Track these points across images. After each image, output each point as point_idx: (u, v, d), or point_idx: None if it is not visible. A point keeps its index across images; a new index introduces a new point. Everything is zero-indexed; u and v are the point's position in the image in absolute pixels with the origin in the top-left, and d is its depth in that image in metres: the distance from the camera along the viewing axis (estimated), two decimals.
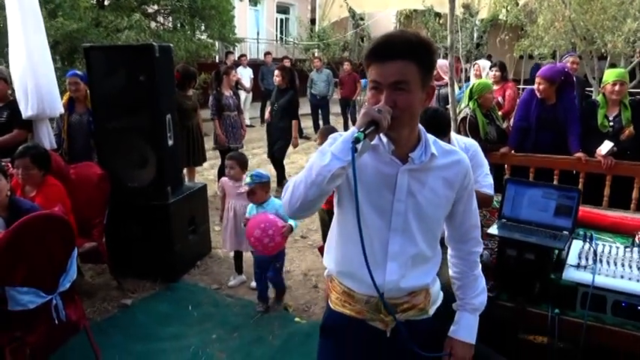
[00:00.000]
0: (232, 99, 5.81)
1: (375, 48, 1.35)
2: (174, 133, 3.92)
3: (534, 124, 4.30)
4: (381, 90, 1.33)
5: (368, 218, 1.46)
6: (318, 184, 1.30)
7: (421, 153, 1.44)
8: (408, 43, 1.32)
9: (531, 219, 2.63)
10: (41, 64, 3.91)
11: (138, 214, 3.82)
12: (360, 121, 1.28)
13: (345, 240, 1.54)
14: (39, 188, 3.20)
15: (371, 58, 1.35)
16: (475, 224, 1.64)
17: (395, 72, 1.31)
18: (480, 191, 2.79)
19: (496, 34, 13.22)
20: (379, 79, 1.33)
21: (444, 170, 1.48)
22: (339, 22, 17.60)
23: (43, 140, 4.02)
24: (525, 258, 2.46)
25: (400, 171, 1.44)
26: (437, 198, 1.48)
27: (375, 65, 1.34)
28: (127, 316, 3.40)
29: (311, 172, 1.32)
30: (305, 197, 1.33)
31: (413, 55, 1.31)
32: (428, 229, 1.51)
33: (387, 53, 1.32)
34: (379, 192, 1.45)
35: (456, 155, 1.52)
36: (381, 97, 1.32)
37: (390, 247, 1.48)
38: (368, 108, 1.29)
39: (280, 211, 3.24)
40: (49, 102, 3.95)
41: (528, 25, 10.92)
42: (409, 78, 1.32)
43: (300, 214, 1.41)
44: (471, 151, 2.74)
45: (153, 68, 3.59)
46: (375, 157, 1.45)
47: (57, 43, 7.54)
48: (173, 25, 11.06)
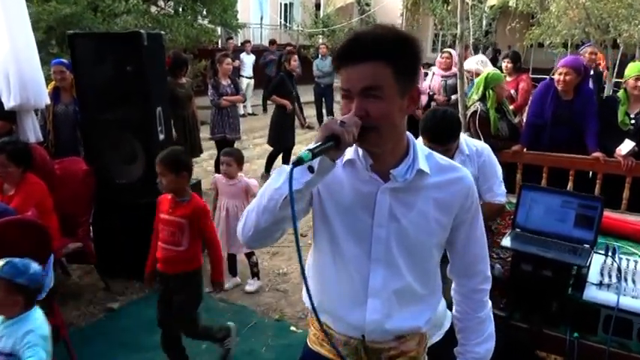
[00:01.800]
0: (230, 88, 5.57)
1: (341, 49, 1.13)
2: (166, 127, 3.70)
3: (549, 120, 4.04)
4: (352, 98, 1.13)
5: (344, 246, 1.25)
6: (271, 211, 1.11)
7: (406, 169, 1.21)
8: (379, 41, 1.10)
9: (548, 230, 2.40)
10: (25, 52, 3.67)
11: (126, 212, 3.61)
12: (318, 135, 1.07)
13: (320, 270, 1.33)
14: (18, 186, 2.99)
15: (339, 60, 1.14)
16: (481, 255, 1.37)
17: (364, 76, 1.10)
18: (494, 202, 2.56)
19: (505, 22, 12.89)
20: (348, 85, 1.13)
21: (437, 190, 1.24)
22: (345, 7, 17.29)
23: (28, 133, 3.81)
24: (542, 274, 2.24)
25: (380, 190, 1.21)
26: (426, 223, 1.24)
27: (344, 69, 1.13)
28: (113, 322, 3.21)
29: (263, 197, 1.14)
30: (257, 225, 1.15)
31: (386, 55, 1.09)
32: (417, 260, 1.27)
33: (354, 54, 1.10)
34: (356, 215, 1.23)
35: (455, 172, 1.27)
36: (352, 107, 1.12)
37: (371, 281, 1.25)
38: (329, 120, 1.09)
39: None
40: (33, 91, 3.72)
41: (540, 13, 10.59)
42: (382, 82, 1.10)
43: (255, 244, 1.23)
44: (483, 157, 2.54)
45: (141, 58, 3.36)
46: (352, 173, 1.24)
47: (51, 29, 7.30)
48: (174, 10, 10.76)
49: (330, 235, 1.26)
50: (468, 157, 2.53)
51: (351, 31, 1.20)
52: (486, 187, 2.59)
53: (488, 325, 1.40)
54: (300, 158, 1.00)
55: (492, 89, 4.02)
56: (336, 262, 1.27)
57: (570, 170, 3.81)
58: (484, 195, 2.58)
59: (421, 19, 16.78)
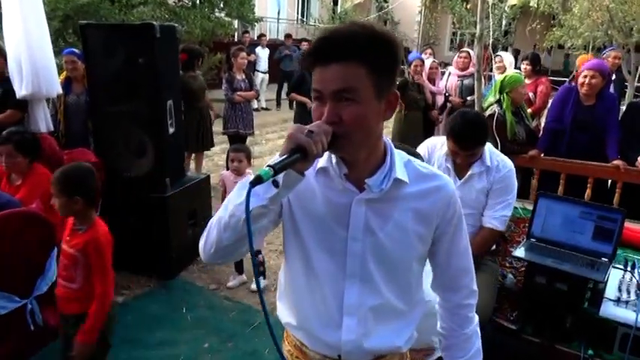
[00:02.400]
0: (244, 83, 5.51)
1: (312, 47, 1.04)
2: (176, 121, 3.65)
3: (569, 125, 3.92)
4: (324, 101, 1.03)
5: (317, 261, 1.17)
6: (233, 228, 1.03)
7: (382, 178, 1.12)
8: (352, 40, 1.00)
9: (565, 241, 2.32)
10: (38, 40, 3.63)
11: (134, 205, 3.58)
12: (283, 146, 0.98)
13: (293, 287, 1.25)
14: (25, 177, 2.96)
15: (309, 59, 1.05)
16: (465, 268, 1.29)
17: (337, 77, 1.00)
18: (488, 226, 2.39)
19: (525, 22, 12.68)
20: (319, 86, 1.03)
21: (415, 200, 1.15)
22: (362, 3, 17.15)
23: (40, 122, 3.77)
24: (556, 287, 2.16)
25: (355, 201, 1.13)
26: (405, 236, 1.15)
27: (317, 69, 1.04)
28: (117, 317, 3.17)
29: (225, 213, 1.05)
30: (219, 242, 1.06)
31: (361, 55, 1.00)
32: (395, 275, 1.18)
33: (326, 53, 1.02)
34: (329, 228, 1.15)
35: (436, 180, 1.18)
36: (324, 110, 1.03)
37: (346, 299, 1.17)
38: (295, 128, 0.98)
39: None
40: (45, 80, 3.67)
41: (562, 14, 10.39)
42: (356, 84, 1.01)
43: (218, 262, 1.14)
44: (503, 172, 2.37)
45: (153, 50, 3.30)
46: (325, 182, 1.15)
47: (68, 18, 7.30)
48: (192, 2, 10.73)
49: (302, 248, 1.18)
50: (486, 170, 2.39)
51: (329, 28, 1.10)
52: (490, 203, 2.41)
53: (475, 341, 1.33)
54: (260, 177, 0.91)
55: (508, 93, 3.91)
56: (309, 277, 1.19)
57: (589, 178, 3.69)
58: (484, 211, 2.43)
59: (439, 17, 16.58)
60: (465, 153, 2.29)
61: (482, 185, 2.40)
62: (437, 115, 5.67)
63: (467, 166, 2.39)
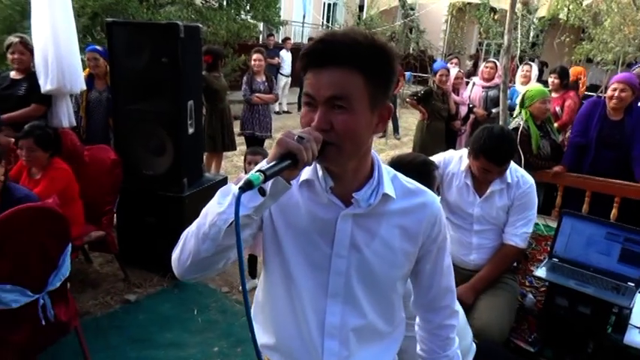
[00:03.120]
0: (264, 84, 5.50)
1: (310, 48, 0.99)
2: (196, 121, 3.65)
3: (594, 141, 3.81)
4: (315, 107, 0.98)
5: (298, 278, 1.11)
6: (213, 239, 0.97)
7: (370, 193, 1.07)
8: (353, 46, 0.96)
9: (589, 263, 2.23)
10: (65, 36, 3.67)
11: (151, 204, 3.58)
12: (272, 151, 0.93)
13: (272, 304, 1.19)
14: (44, 171, 2.99)
15: (304, 62, 1.00)
16: (447, 288, 1.25)
17: (332, 83, 0.96)
18: (508, 242, 2.33)
19: (554, 34, 12.47)
20: (312, 91, 0.98)
21: (402, 216, 1.11)
22: (389, 10, 17.09)
23: (62, 117, 3.82)
24: (578, 311, 2.08)
25: (341, 216, 1.08)
26: (391, 253, 1.11)
27: (310, 73, 0.99)
28: (128, 315, 3.18)
29: (204, 222, 0.99)
30: (196, 254, 1.00)
31: (358, 62, 0.96)
32: (380, 295, 1.14)
33: (324, 57, 0.97)
34: (313, 243, 1.10)
35: (422, 197, 1.14)
36: (314, 117, 0.98)
37: (328, 319, 1.11)
38: (285, 134, 0.93)
39: None
40: (69, 76, 3.71)
41: (592, 28, 10.19)
42: (351, 92, 0.96)
43: (193, 276, 1.06)
44: (524, 189, 2.31)
45: (176, 50, 3.30)
46: (309, 195, 1.10)
47: (96, 15, 7.41)
48: (218, 3, 10.82)
49: (283, 263, 1.12)
50: (507, 186, 2.33)
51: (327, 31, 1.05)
52: (511, 220, 2.35)
53: None
54: (250, 182, 0.86)
55: (527, 108, 3.83)
56: (290, 295, 1.13)
57: (615, 197, 3.57)
58: (504, 229, 2.38)
59: (466, 26, 16.42)
60: (499, 169, 2.24)
61: (503, 202, 2.35)
62: (459, 125, 5.59)
63: (487, 183, 2.33)
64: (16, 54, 3.72)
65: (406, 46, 16.85)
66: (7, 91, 3.73)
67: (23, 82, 3.75)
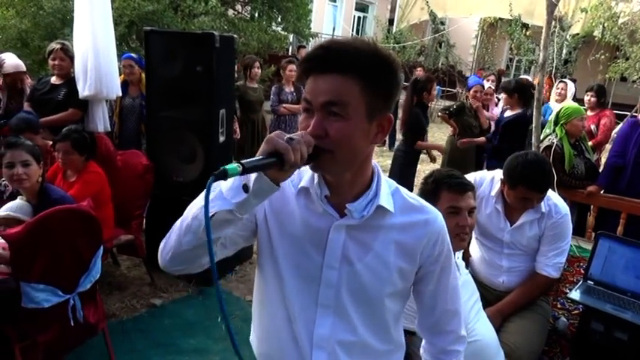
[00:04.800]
0: (292, 95, 5.54)
1: (311, 53, 0.99)
2: (227, 130, 3.69)
3: (631, 161, 3.71)
4: (313, 113, 0.97)
5: (289, 286, 1.09)
6: (194, 231, 0.96)
7: (365, 205, 1.05)
8: (354, 53, 0.95)
9: (627, 287, 2.15)
10: (104, 44, 3.78)
11: (179, 210, 3.59)
12: (260, 149, 0.91)
13: (265, 313, 1.17)
14: (79, 174, 3.06)
15: (305, 65, 0.99)
16: (452, 312, 1.21)
17: (330, 89, 0.94)
18: (541, 272, 2.25)
19: (587, 52, 12.25)
20: (310, 96, 0.97)
21: (399, 232, 1.07)
22: (419, 24, 17.07)
23: (97, 122, 3.92)
24: (615, 337, 2.00)
25: (333, 226, 1.05)
26: (384, 269, 1.07)
27: (310, 79, 0.98)
28: (154, 319, 3.20)
29: (187, 215, 0.98)
30: (178, 246, 1.00)
31: (357, 69, 0.94)
32: (371, 311, 1.10)
33: (324, 62, 0.96)
34: (305, 252, 1.07)
35: (424, 213, 1.10)
36: (310, 123, 0.97)
37: (317, 329, 1.09)
38: (276, 133, 0.91)
39: None
40: (107, 83, 3.82)
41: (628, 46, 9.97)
42: (348, 100, 0.94)
43: (175, 269, 1.06)
44: (556, 219, 2.22)
45: (211, 59, 3.36)
46: (304, 203, 1.08)
47: (132, 24, 7.61)
48: (250, 15, 10.99)
49: (275, 270, 1.10)
50: (541, 216, 2.24)
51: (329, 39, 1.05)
52: (544, 250, 2.27)
53: None
54: (225, 171, 0.83)
55: (563, 125, 3.75)
56: (283, 303, 1.11)
57: None
58: (537, 257, 2.30)
59: (496, 42, 16.27)
60: (540, 196, 2.16)
61: (535, 232, 2.27)
62: None
63: (523, 210, 2.26)
64: (57, 60, 3.84)
65: (435, 61, 16.78)
66: (47, 95, 3.85)
67: (62, 88, 3.86)
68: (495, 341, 1.88)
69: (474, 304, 1.85)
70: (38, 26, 7.16)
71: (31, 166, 2.44)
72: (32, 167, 2.45)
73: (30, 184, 2.46)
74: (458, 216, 1.73)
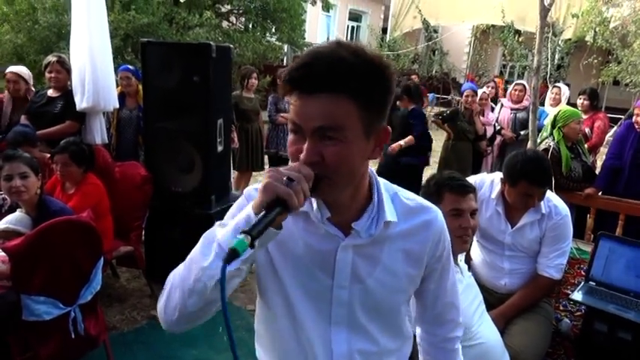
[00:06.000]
0: (289, 104, 5.55)
1: (295, 70, 0.88)
2: (225, 140, 3.69)
3: (628, 162, 3.74)
4: (303, 135, 0.89)
5: (300, 309, 1.05)
6: (199, 293, 0.90)
7: (370, 222, 1.01)
8: (342, 67, 0.85)
9: (629, 287, 2.16)
10: (101, 57, 3.80)
11: (179, 220, 3.61)
12: (259, 198, 0.85)
13: (275, 334, 1.12)
14: (78, 186, 3.06)
15: (288, 86, 0.90)
16: (452, 303, 1.22)
17: (322, 112, 0.86)
18: (543, 274, 2.26)
19: (579, 56, 12.35)
20: (299, 120, 0.89)
21: (405, 239, 1.05)
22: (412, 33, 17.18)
23: (95, 134, 3.92)
24: (619, 337, 2.00)
25: (341, 247, 1.01)
26: (395, 280, 1.05)
27: (295, 97, 0.89)
28: (154, 330, 3.18)
29: (189, 275, 0.91)
30: (183, 308, 0.94)
31: (348, 87, 0.86)
32: (386, 321, 1.09)
33: (311, 81, 0.86)
34: (312, 275, 1.03)
35: (423, 214, 1.07)
36: (302, 147, 0.89)
37: (335, 347, 1.06)
38: (272, 175, 0.85)
39: None
40: (104, 95, 3.83)
41: (620, 50, 10.06)
42: (343, 122, 0.87)
43: (183, 328, 1.00)
44: (556, 220, 2.23)
45: (208, 69, 3.36)
46: (305, 226, 1.03)
47: (128, 37, 7.65)
48: (244, 26, 11.07)
49: (283, 294, 1.05)
50: (541, 217, 2.25)
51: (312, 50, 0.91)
52: (545, 251, 2.28)
53: None
54: (235, 251, 0.78)
55: (560, 128, 3.78)
56: (294, 328, 1.07)
57: None
58: (539, 258, 2.31)
59: (489, 48, 16.40)
60: (542, 190, 2.17)
61: (535, 234, 2.28)
62: (485, 146, 5.54)
63: (524, 210, 2.26)
64: (54, 73, 3.85)
65: (429, 68, 16.89)
66: (43, 108, 3.86)
67: (59, 100, 3.87)
68: (500, 344, 1.88)
69: (478, 307, 1.85)
70: (34, 41, 7.20)
71: (29, 179, 2.44)
72: (30, 179, 2.44)
73: (28, 197, 2.45)
74: (460, 218, 1.74)
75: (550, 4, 3.91)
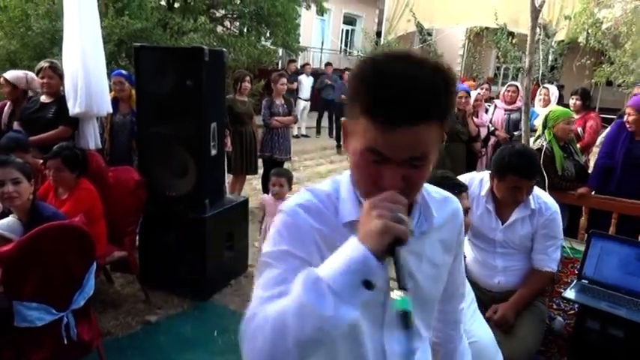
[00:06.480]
0: (283, 107, 5.57)
1: (378, 98, 0.83)
2: (219, 144, 3.69)
3: (620, 161, 3.75)
4: (383, 162, 0.87)
5: None
6: (320, 341, 0.84)
7: (420, 220, 1.03)
8: (436, 93, 0.83)
9: (620, 284, 2.17)
10: (93, 62, 3.79)
11: (173, 225, 3.61)
12: (377, 241, 0.81)
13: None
14: (71, 191, 3.05)
15: (369, 112, 0.84)
16: (463, 282, 1.27)
17: (415, 144, 0.85)
18: (543, 269, 2.28)
19: (572, 57, 12.40)
20: (385, 151, 0.86)
21: (441, 230, 1.07)
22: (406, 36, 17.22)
23: (89, 139, 3.91)
24: (611, 334, 2.01)
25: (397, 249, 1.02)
26: (437, 271, 1.09)
27: (377, 127, 0.84)
28: (149, 336, 3.17)
29: (302, 327, 0.82)
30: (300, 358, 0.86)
31: (439, 112, 0.85)
32: (428, 313, 1.12)
33: (401, 113, 0.82)
34: None
35: (449, 204, 1.11)
36: (382, 172, 0.87)
37: (389, 347, 1.05)
38: (381, 213, 0.82)
39: None
40: (97, 100, 3.82)
41: (612, 51, 10.12)
42: (432, 148, 0.87)
43: None
44: (547, 215, 2.26)
45: (201, 73, 3.37)
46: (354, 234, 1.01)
47: (122, 42, 7.64)
48: (239, 30, 11.08)
49: None
50: (530, 213, 2.27)
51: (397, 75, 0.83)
52: (540, 247, 2.30)
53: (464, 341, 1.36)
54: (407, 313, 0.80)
55: (551, 128, 3.80)
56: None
57: None
58: (534, 255, 2.33)
59: (483, 50, 16.46)
60: (529, 183, 2.19)
61: (527, 230, 2.30)
62: (480, 147, 5.55)
63: (514, 204, 2.28)
64: (46, 78, 3.85)
65: None
66: (36, 114, 3.85)
67: (52, 106, 3.86)
68: (493, 342, 1.88)
69: (470, 305, 1.86)
70: (27, 47, 7.18)
71: (21, 184, 2.43)
72: (23, 185, 2.43)
73: (21, 202, 2.44)
74: None
75: (541, 5, 3.93)
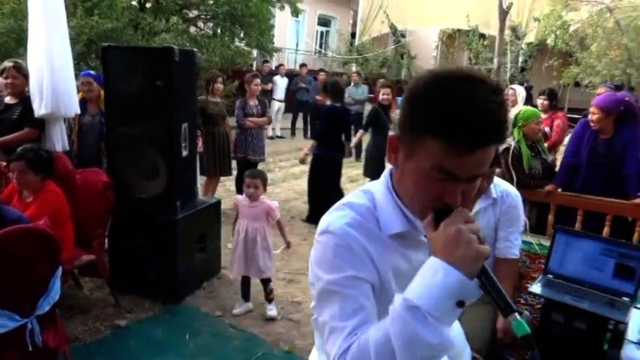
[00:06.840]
0: (257, 108, 5.55)
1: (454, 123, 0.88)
2: (190, 144, 3.65)
3: (584, 160, 3.86)
4: (451, 182, 0.93)
5: None
6: None
7: None
8: (502, 114, 0.90)
9: (584, 278, 2.22)
10: (60, 62, 3.70)
11: (143, 227, 3.55)
12: (471, 266, 0.87)
13: None
14: (36, 194, 2.97)
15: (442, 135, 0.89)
16: None
17: (483, 163, 0.92)
18: (508, 256, 2.28)
19: (542, 59, 12.72)
20: (459, 171, 0.91)
21: None
22: (380, 37, 17.40)
23: (55, 141, 3.81)
24: (575, 326, 2.06)
25: None
26: None
27: (452, 149, 0.89)
28: (119, 340, 3.11)
29: (415, 353, 0.86)
30: None
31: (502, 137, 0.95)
32: None
33: (479, 139, 0.89)
34: None
35: None
36: (447, 189, 0.93)
37: None
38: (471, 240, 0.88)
39: None
40: (64, 101, 3.73)
41: (579, 52, 10.40)
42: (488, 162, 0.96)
43: None
44: (508, 202, 2.28)
45: (171, 73, 3.33)
46: (403, 245, 1.07)
47: (92, 42, 7.50)
48: (212, 31, 10.98)
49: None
50: (493, 202, 2.30)
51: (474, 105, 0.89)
52: (504, 235, 2.32)
53: None
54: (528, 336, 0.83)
55: (520, 127, 3.88)
56: None
57: (607, 215, 3.59)
58: (498, 244, 2.33)
59: (456, 52, 16.72)
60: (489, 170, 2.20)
61: (489, 219, 2.31)
62: None
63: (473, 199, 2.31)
64: (10, 78, 3.74)
65: (398, 72, 17.11)
66: (0, 115, 3.74)
67: (17, 107, 3.76)
68: (462, 337, 1.90)
69: None
70: None
71: None
72: None
73: None
74: None
75: (509, 7, 4.02)
